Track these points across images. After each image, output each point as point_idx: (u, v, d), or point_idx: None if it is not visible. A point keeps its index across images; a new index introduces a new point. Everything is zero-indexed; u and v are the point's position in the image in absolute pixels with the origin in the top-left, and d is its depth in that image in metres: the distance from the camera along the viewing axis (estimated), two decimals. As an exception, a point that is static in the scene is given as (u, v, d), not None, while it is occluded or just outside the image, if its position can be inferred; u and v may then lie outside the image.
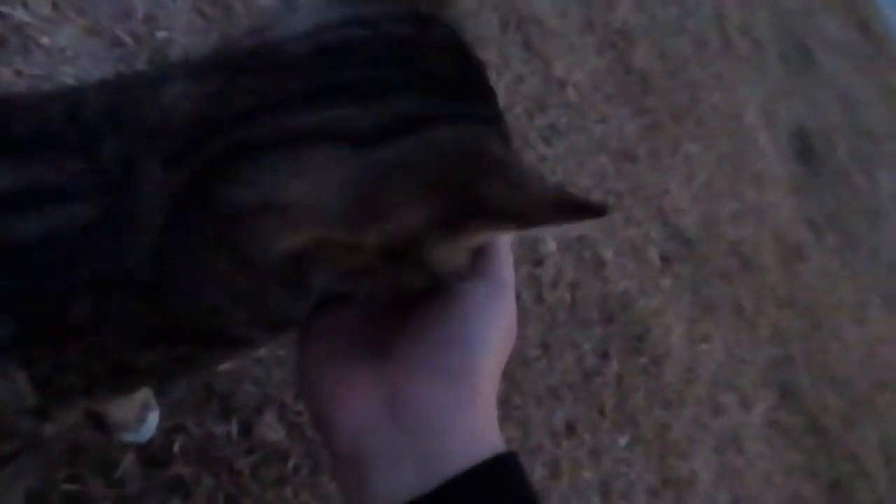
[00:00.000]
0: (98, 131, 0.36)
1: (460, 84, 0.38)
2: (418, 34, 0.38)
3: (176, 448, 0.70)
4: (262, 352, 0.77)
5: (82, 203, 0.36)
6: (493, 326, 0.40)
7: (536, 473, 0.99)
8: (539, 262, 1.17)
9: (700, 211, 1.70)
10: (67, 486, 0.63)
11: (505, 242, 0.44)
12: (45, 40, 0.78)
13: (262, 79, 0.36)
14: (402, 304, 0.41)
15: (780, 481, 1.45)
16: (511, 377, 1.02)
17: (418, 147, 0.36)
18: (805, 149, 2.63)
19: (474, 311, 0.40)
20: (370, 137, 0.35)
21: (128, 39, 0.86)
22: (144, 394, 0.67)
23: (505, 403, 0.99)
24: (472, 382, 0.39)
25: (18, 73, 0.75)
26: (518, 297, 1.11)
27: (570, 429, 1.08)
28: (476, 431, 0.38)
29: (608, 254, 1.33)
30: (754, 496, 1.38)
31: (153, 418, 0.69)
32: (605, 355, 1.20)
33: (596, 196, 1.38)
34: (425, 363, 0.39)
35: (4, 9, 0.77)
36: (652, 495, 1.15)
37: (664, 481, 1.19)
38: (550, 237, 1.22)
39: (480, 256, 0.42)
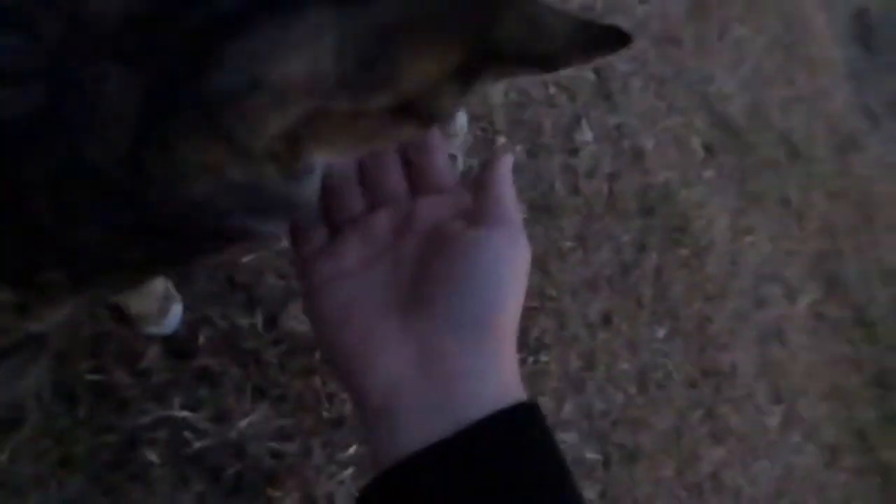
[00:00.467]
0: (35, 10, 0.32)
1: None
2: None
3: (201, 340, 0.70)
4: (285, 244, 0.76)
5: (27, 87, 0.32)
6: (511, 274, 0.40)
7: (571, 364, 0.98)
8: (574, 152, 1.12)
9: (747, 98, 1.61)
10: (92, 377, 0.63)
11: (507, 180, 0.42)
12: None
13: None
14: (420, 257, 0.40)
15: (823, 373, 1.43)
16: (545, 268, 0.99)
17: None
18: (865, 32, 2.46)
19: (493, 262, 0.39)
20: None
21: None
22: (163, 285, 0.66)
23: (538, 295, 0.97)
24: (497, 334, 0.39)
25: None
26: (552, 188, 1.07)
27: (607, 320, 1.06)
28: (502, 382, 0.38)
29: (648, 143, 1.27)
30: (796, 388, 1.35)
31: (176, 310, 0.68)
32: (643, 248, 1.16)
33: (635, 83, 1.31)
34: (451, 317, 0.38)
35: None
36: (690, 387, 1.13)
37: (703, 373, 1.17)
38: (586, 124, 1.16)
39: (486, 199, 0.41)
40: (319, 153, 0.37)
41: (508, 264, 0.40)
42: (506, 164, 0.42)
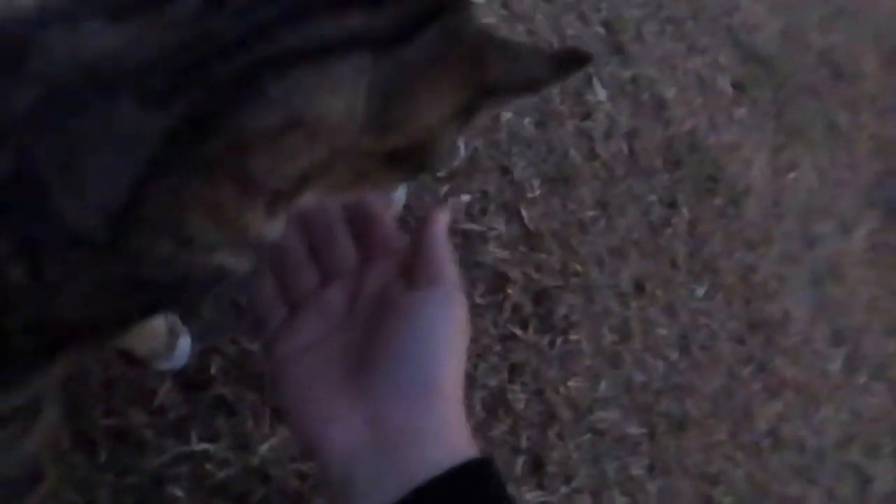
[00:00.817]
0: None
1: None
2: None
3: (213, 369, 0.70)
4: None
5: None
6: (449, 334, 0.42)
7: (605, 339, 0.95)
8: (587, 115, 1.07)
9: (779, 23, 1.51)
10: (107, 421, 0.64)
11: (442, 240, 0.45)
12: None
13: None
14: (368, 323, 0.43)
15: (887, 306, 1.35)
16: (566, 243, 0.96)
17: (437, 40, 0.36)
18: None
19: (429, 324, 0.41)
20: (389, 39, 0.34)
21: None
22: (166, 321, 0.66)
23: (561, 272, 0.94)
24: (441, 394, 0.41)
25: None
26: (565, 156, 1.03)
27: (639, 287, 1.02)
28: (451, 441, 0.40)
29: (669, 92, 1.20)
30: (858, 326, 1.28)
31: (184, 343, 0.68)
32: (672, 204, 1.11)
33: (650, 28, 1.24)
34: (394, 381, 0.41)
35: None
36: (737, 343, 1.09)
37: (751, 326, 1.12)
38: (598, 83, 1.11)
39: (420, 260, 0.44)
40: (311, 194, 0.38)
41: (445, 325, 0.41)
42: (440, 223, 0.44)
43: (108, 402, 0.65)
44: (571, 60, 0.42)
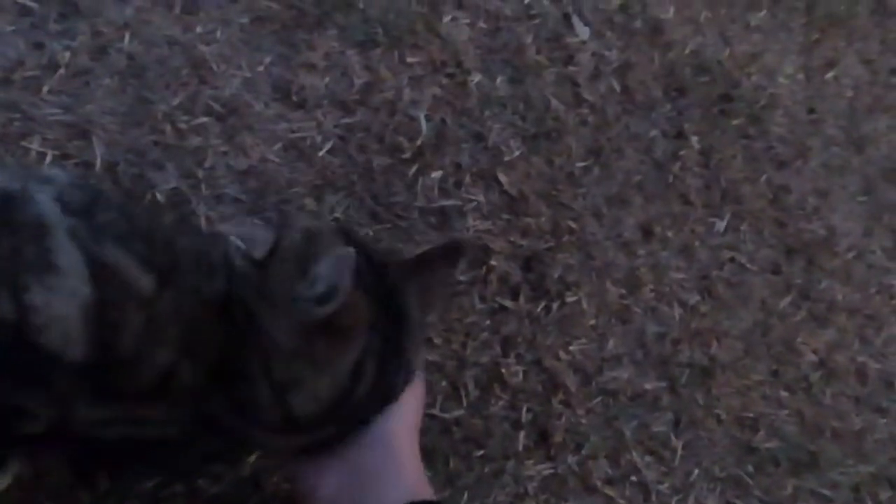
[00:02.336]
0: None
1: None
2: None
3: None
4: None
5: None
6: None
7: (610, 294, 0.90)
8: (569, 60, 1.01)
9: None
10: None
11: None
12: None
13: None
14: None
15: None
16: (554, 201, 0.91)
17: None
18: None
19: None
20: None
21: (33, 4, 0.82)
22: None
23: (553, 233, 0.90)
24: (396, 443, 0.55)
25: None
26: (546, 109, 0.97)
27: (647, 232, 0.96)
28: (408, 485, 0.54)
29: (667, 11, 1.11)
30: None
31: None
32: (679, 135, 1.03)
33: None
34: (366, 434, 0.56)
35: None
36: (771, 273, 1.00)
37: (788, 251, 1.03)
38: (579, 21, 1.04)
39: None
40: None
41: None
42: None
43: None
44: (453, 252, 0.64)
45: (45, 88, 0.78)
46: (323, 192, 0.84)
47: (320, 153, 0.85)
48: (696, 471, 0.86)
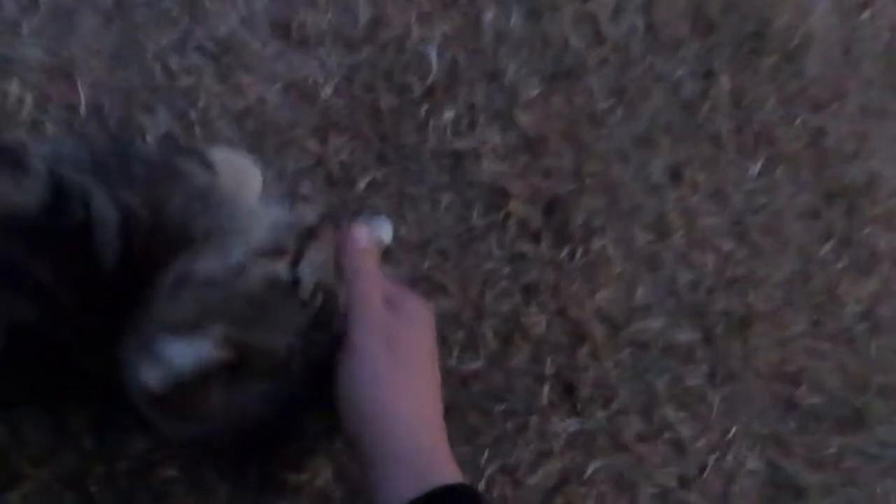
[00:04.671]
0: None
1: None
2: None
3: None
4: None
5: None
6: (382, 372, 0.47)
7: (638, 240, 0.84)
8: (588, -6, 0.94)
9: None
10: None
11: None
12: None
13: None
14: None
15: None
16: (576, 143, 0.85)
17: None
18: None
19: (369, 368, 0.48)
20: None
21: None
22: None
23: (573, 175, 0.84)
24: (395, 421, 0.46)
25: None
26: (565, 48, 0.91)
27: (675, 176, 0.89)
28: (420, 467, 0.45)
29: (692, -54, 1.04)
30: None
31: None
32: (708, 74, 0.96)
33: None
34: (361, 413, 0.48)
35: None
36: (810, 219, 0.93)
37: (827, 195, 0.96)
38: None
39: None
40: None
41: (378, 365, 0.47)
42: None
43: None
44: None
45: (25, 30, 0.74)
46: (327, 134, 0.78)
47: (323, 94, 0.79)
48: (735, 427, 0.79)
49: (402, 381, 0.48)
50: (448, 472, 0.46)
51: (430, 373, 0.51)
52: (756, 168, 0.93)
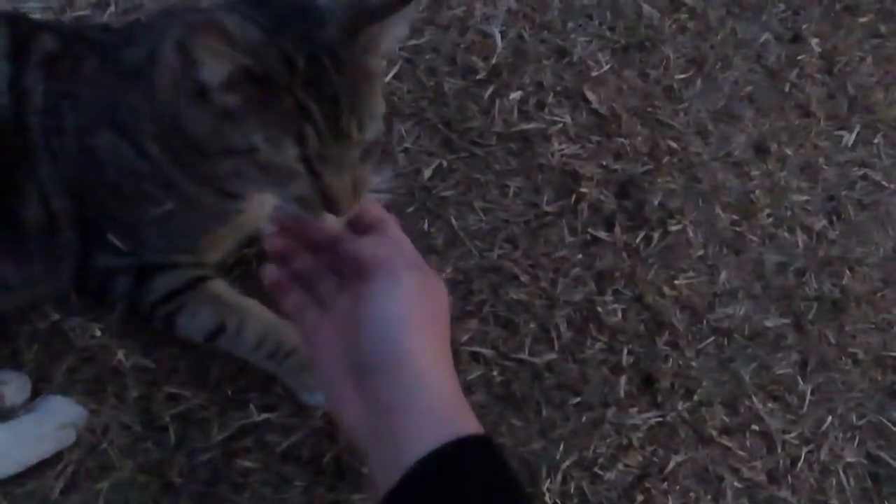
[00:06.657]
0: None
1: None
2: None
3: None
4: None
5: None
6: (401, 312, 0.45)
7: (720, 221, 0.79)
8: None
9: None
10: (171, 409, 0.64)
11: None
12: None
13: None
14: (351, 316, 0.47)
15: None
16: (651, 118, 0.81)
17: None
18: None
19: (383, 309, 0.45)
20: None
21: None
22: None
23: (649, 154, 0.79)
24: (412, 371, 0.43)
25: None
26: (638, 17, 0.86)
27: (761, 150, 0.84)
28: (437, 417, 0.43)
29: None
30: None
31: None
32: (796, 38, 0.90)
33: None
34: (372, 365, 0.45)
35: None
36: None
37: (932, 166, 0.88)
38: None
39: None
40: None
41: (394, 305, 0.45)
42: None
43: (169, 387, 0.64)
44: None
45: None
46: (391, 121, 0.76)
47: (386, 78, 0.77)
48: (830, 418, 0.74)
49: (430, 327, 0.46)
50: (472, 426, 0.43)
51: (447, 335, 0.48)
52: (851, 138, 0.86)
